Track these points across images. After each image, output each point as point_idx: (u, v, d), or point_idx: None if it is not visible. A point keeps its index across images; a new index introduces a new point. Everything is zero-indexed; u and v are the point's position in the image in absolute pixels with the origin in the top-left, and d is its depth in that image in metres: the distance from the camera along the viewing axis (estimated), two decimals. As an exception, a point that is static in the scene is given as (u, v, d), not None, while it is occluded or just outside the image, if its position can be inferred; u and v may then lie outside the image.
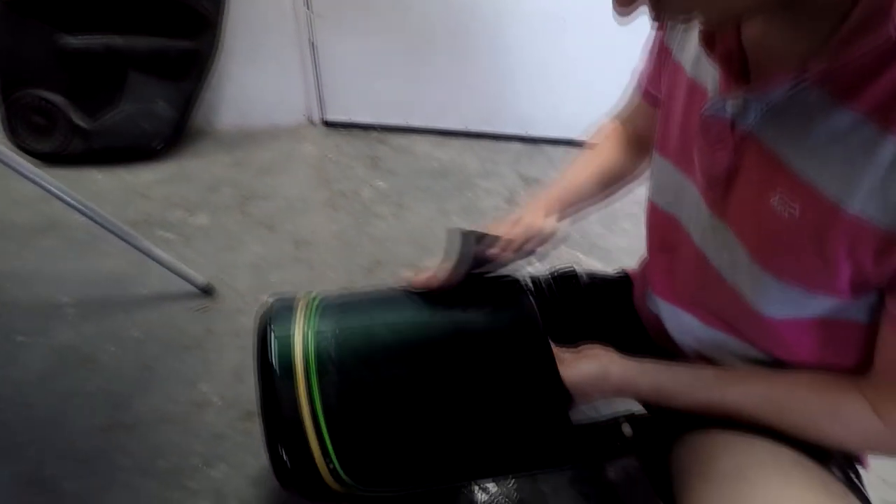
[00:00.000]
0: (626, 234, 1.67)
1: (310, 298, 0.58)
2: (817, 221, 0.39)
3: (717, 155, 0.46)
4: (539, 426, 0.54)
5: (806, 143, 0.39)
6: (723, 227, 0.48)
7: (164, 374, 1.05)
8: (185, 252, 1.39)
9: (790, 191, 0.40)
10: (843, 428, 0.46)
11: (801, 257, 0.41)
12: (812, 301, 0.44)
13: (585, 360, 0.58)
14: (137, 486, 0.85)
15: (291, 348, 0.50)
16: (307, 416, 0.47)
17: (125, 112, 1.71)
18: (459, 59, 2.07)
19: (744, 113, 0.43)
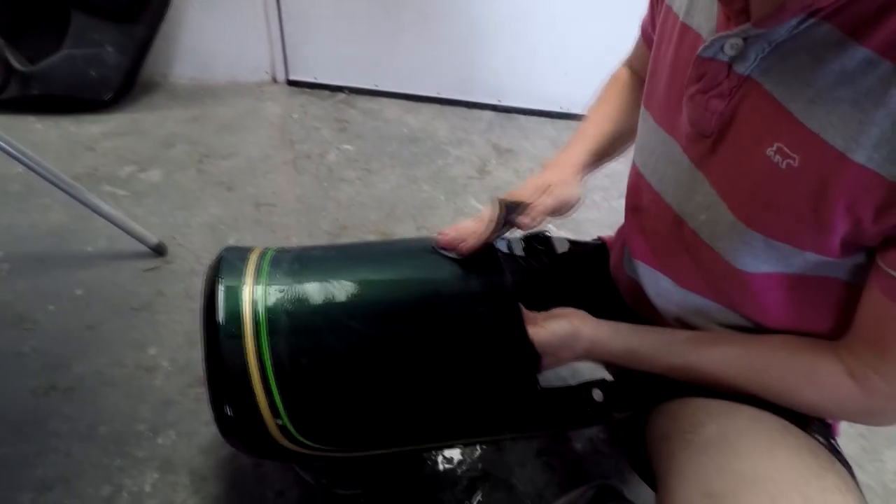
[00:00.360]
0: (597, 207, 1.67)
1: (264, 251, 0.54)
2: (819, 172, 0.37)
3: (710, 102, 0.43)
4: (504, 386, 0.52)
5: (812, 87, 0.36)
6: (705, 184, 0.46)
7: (108, 336, 0.98)
8: (136, 210, 1.30)
9: (791, 139, 0.38)
10: (818, 391, 0.45)
11: (793, 213, 0.39)
12: (798, 257, 0.42)
13: (556, 319, 0.56)
14: (75, 453, 0.79)
15: (240, 302, 0.47)
16: (255, 373, 0.44)
17: (69, 56, 1.57)
18: (433, 22, 2.00)
19: (743, 54, 0.40)
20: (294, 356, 0.45)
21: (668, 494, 0.45)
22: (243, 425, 0.44)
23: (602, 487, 0.75)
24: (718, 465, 0.43)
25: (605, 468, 0.91)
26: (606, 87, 0.74)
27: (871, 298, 0.41)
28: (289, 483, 0.80)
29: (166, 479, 0.78)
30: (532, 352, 0.53)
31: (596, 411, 0.57)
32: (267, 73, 2.08)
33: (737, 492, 0.40)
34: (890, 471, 0.99)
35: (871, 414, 0.45)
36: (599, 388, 0.59)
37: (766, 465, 0.41)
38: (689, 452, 0.46)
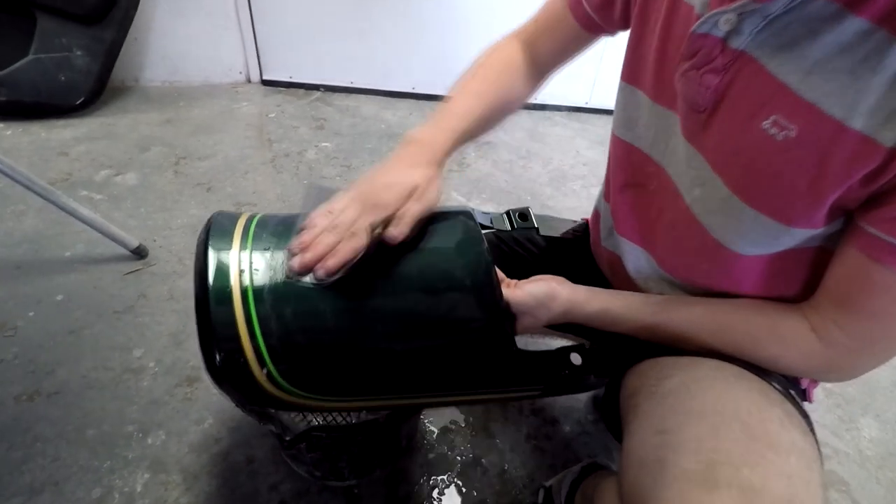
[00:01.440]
0: (576, 195, 1.69)
1: (252, 215, 0.57)
2: (818, 142, 0.38)
3: (704, 78, 0.44)
4: (480, 344, 0.54)
5: (807, 59, 0.37)
6: (699, 158, 0.47)
7: (92, 340, 0.97)
8: (114, 214, 1.29)
9: (787, 111, 0.39)
10: (781, 345, 0.48)
11: (788, 184, 0.40)
12: (785, 235, 0.43)
13: (533, 282, 0.58)
14: (63, 456, 0.79)
15: (228, 260, 0.49)
16: (242, 325, 0.46)
17: (37, 61, 1.54)
18: (406, 18, 2.00)
19: (738, 29, 0.40)
20: (277, 309, 0.48)
21: (628, 439, 0.47)
22: (232, 373, 0.47)
23: (589, 464, 0.78)
24: (673, 406, 0.45)
25: (593, 449, 0.94)
26: (485, 61, 0.66)
27: (845, 256, 0.43)
28: (282, 477, 0.81)
29: (157, 478, 0.78)
30: (505, 310, 0.55)
31: (574, 375, 0.59)
32: (241, 73, 2.06)
33: (684, 425, 0.42)
34: (865, 438, 1.03)
35: (832, 367, 0.47)
36: (578, 352, 0.61)
37: (713, 402, 0.44)
38: (652, 402, 0.48)
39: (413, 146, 0.56)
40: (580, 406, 1.01)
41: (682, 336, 0.53)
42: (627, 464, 0.44)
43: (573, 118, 2.25)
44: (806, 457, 0.40)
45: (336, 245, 0.48)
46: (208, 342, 0.47)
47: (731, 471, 0.37)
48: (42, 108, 1.59)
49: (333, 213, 0.49)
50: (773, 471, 0.38)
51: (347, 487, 0.81)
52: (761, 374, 0.48)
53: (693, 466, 0.38)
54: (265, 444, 0.85)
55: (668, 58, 0.49)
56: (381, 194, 0.50)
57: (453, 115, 0.60)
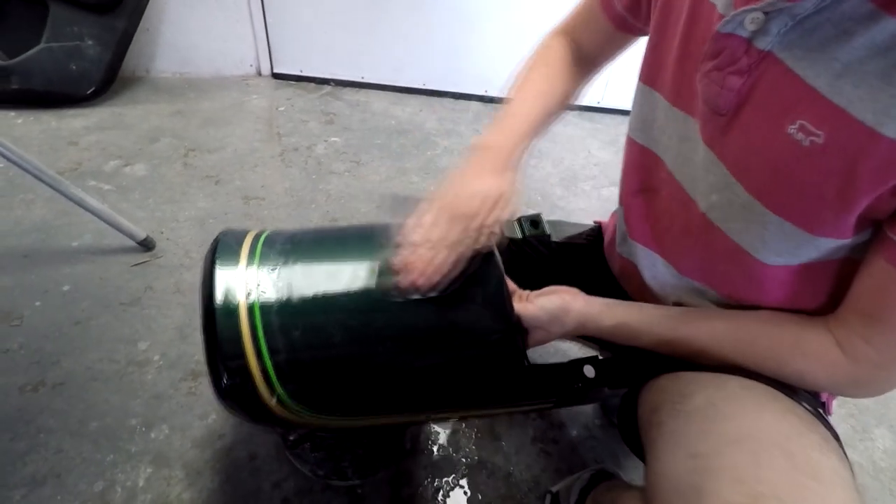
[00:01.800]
0: (586, 196, 1.67)
1: (259, 232, 0.55)
2: (847, 148, 0.36)
3: (727, 79, 0.42)
4: (490, 360, 0.53)
5: (838, 61, 0.35)
6: (717, 163, 0.45)
7: (98, 331, 0.96)
8: (122, 205, 1.28)
9: (815, 116, 0.37)
10: (806, 360, 0.46)
11: (815, 191, 0.38)
12: (809, 245, 0.42)
13: (546, 295, 0.57)
14: (66, 448, 0.78)
15: (234, 280, 0.49)
16: (249, 345, 0.46)
17: (48, 50, 1.54)
18: (419, 14, 1.99)
19: (764, 29, 0.38)
20: (285, 330, 0.47)
21: (656, 460, 0.45)
22: (238, 393, 0.47)
23: (597, 471, 0.76)
24: (704, 428, 0.43)
25: (600, 454, 0.92)
26: (539, 60, 0.67)
27: (874, 268, 0.41)
28: (285, 475, 0.80)
29: (160, 473, 0.78)
30: (517, 325, 0.54)
31: (587, 387, 0.58)
32: (251, 66, 2.05)
33: (721, 451, 0.40)
34: (879, 448, 1.01)
35: (858, 383, 0.45)
36: (591, 364, 0.59)
37: (749, 425, 0.42)
38: (678, 420, 0.46)
39: (486, 153, 0.56)
40: (587, 410, 0.99)
41: (702, 351, 0.51)
42: (658, 487, 0.43)
43: (585, 118, 2.23)
44: (849, 487, 0.38)
45: (434, 259, 0.49)
46: (215, 362, 0.46)
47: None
48: (53, 97, 1.58)
49: (424, 227, 0.50)
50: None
51: (350, 487, 0.80)
52: (790, 393, 0.46)
53: (737, 499, 0.36)
54: (268, 441, 0.84)
55: (689, 59, 0.47)
56: (468, 205, 0.51)
57: (517, 118, 0.60)
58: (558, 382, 0.58)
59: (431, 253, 0.49)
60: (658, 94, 0.53)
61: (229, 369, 0.46)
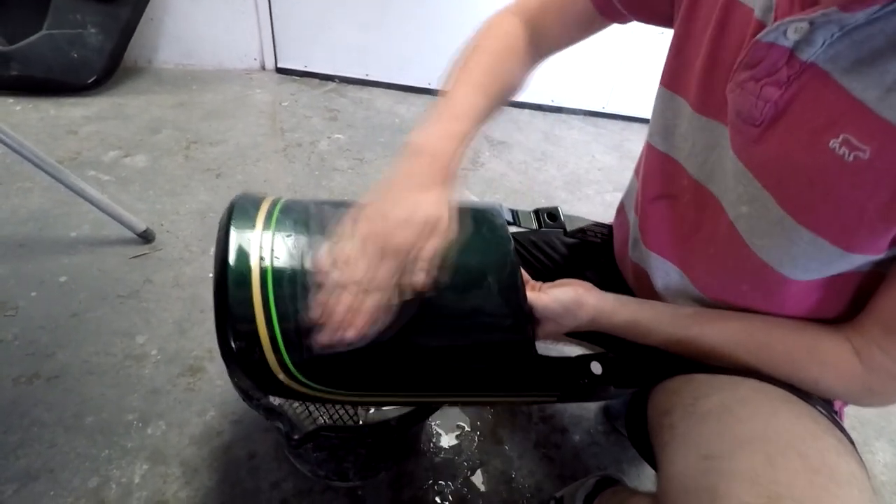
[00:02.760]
0: (590, 200, 1.67)
1: (276, 199, 0.55)
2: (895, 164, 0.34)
3: (764, 90, 0.40)
4: (500, 346, 0.52)
5: (889, 74, 0.34)
6: (748, 174, 0.44)
7: (94, 324, 0.94)
8: (122, 196, 1.26)
9: (861, 130, 0.35)
10: (821, 367, 0.45)
11: (855, 208, 0.37)
12: (842, 261, 0.41)
13: (560, 287, 0.56)
14: (60, 443, 0.76)
15: (249, 246, 0.48)
16: (260, 312, 0.45)
17: (49, 37, 1.51)
18: (425, 13, 1.98)
19: (809, 39, 0.37)
20: (296, 298, 0.46)
21: (668, 462, 0.44)
22: (245, 357, 0.46)
23: (602, 478, 0.75)
24: (718, 430, 0.42)
25: (603, 460, 0.91)
26: (484, 44, 0.58)
27: None
28: (284, 475, 0.78)
29: (156, 470, 0.76)
30: (529, 315, 0.53)
31: (593, 384, 0.57)
32: (255, 59, 2.04)
33: (735, 452, 0.39)
34: (880, 462, 1.00)
35: (872, 392, 0.45)
36: (599, 361, 0.58)
37: (764, 427, 0.41)
38: (690, 422, 0.45)
39: (421, 159, 0.47)
40: (590, 415, 0.98)
41: (714, 351, 0.50)
42: (670, 490, 0.42)
43: (589, 122, 2.22)
44: (867, 489, 0.38)
45: (362, 305, 0.42)
46: (224, 324, 0.46)
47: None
48: (53, 85, 1.56)
49: (348, 263, 0.43)
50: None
51: (351, 489, 0.78)
52: (804, 397, 0.45)
53: (753, 500, 0.35)
54: (268, 439, 0.82)
55: (719, 66, 0.45)
56: (401, 235, 0.43)
57: (457, 115, 0.51)
58: (564, 376, 0.57)
59: (357, 298, 0.42)
60: (682, 99, 0.52)
61: (237, 332, 0.45)
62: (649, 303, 0.57)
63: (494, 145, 1.87)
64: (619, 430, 0.96)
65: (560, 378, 0.57)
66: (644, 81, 1.96)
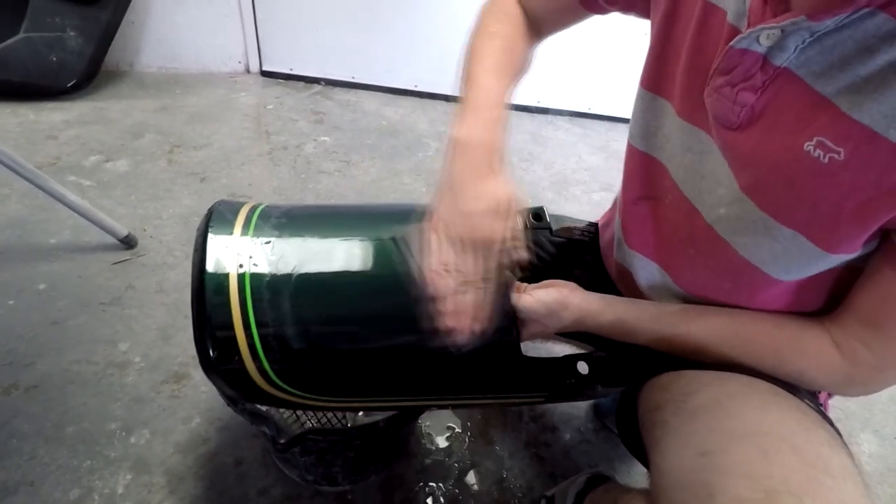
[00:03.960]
0: (577, 200, 1.67)
1: (255, 205, 0.55)
2: (871, 165, 0.35)
3: (740, 95, 0.41)
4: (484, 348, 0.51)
5: (859, 77, 0.35)
6: (729, 177, 0.44)
7: (76, 332, 0.92)
8: (103, 201, 1.24)
9: (835, 133, 0.36)
10: (805, 359, 0.46)
11: (832, 208, 0.38)
12: (822, 261, 0.41)
13: (544, 288, 0.56)
14: (40, 454, 0.74)
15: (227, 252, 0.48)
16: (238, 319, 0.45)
17: (27, 40, 1.49)
18: (411, 15, 1.98)
19: (781, 45, 0.38)
20: (275, 304, 0.46)
21: (661, 459, 0.44)
22: (225, 366, 0.46)
23: (593, 475, 0.75)
24: (710, 425, 0.42)
25: (594, 458, 0.91)
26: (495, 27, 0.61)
27: (879, 276, 0.41)
28: (272, 481, 0.77)
29: (140, 479, 0.74)
30: (512, 316, 0.53)
31: (580, 384, 0.57)
32: (240, 62, 2.02)
33: (729, 447, 0.39)
34: (865, 453, 1.02)
35: (854, 383, 0.45)
36: (586, 360, 0.58)
37: (756, 422, 0.41)
38: (681, 418, 0.45)
39: (473, 151, 0.49)
40: (580, 414, 0.98)
41: (700, 348, 0.51)
42: (664, 486, 0.41)
43: (575, 123, 2.23)
44: (860, 482, 0.38)
45: (473, 302, 0.47)
46: (202, 333, 0.45)
47: (793, 501, 0.34)
48: (31, 89, 1.53)
49: (451, 267, 0.46)
50: (833, 499, 0.35)
51: (341, 493, 0.77)
52: (792, 391, 0.45)
53: (749, 494, 0.35)
54: (255, 445, 0.81)
55: (698, 71, 0.46)
56: (482, 227, 0.46)
57: (490, 104, 0.53)
58: (551, 377, 0.57)
59: (473, 295, 0.46)
60: (667, 102, 0.52)
61: (216, 339, 0.45)
62: (634, 302, 0.57)
63: (481, 146, 1.87)
64: (610, 427, 0.96)
65: (547, 378, 0.57)
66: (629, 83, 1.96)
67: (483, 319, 0.47)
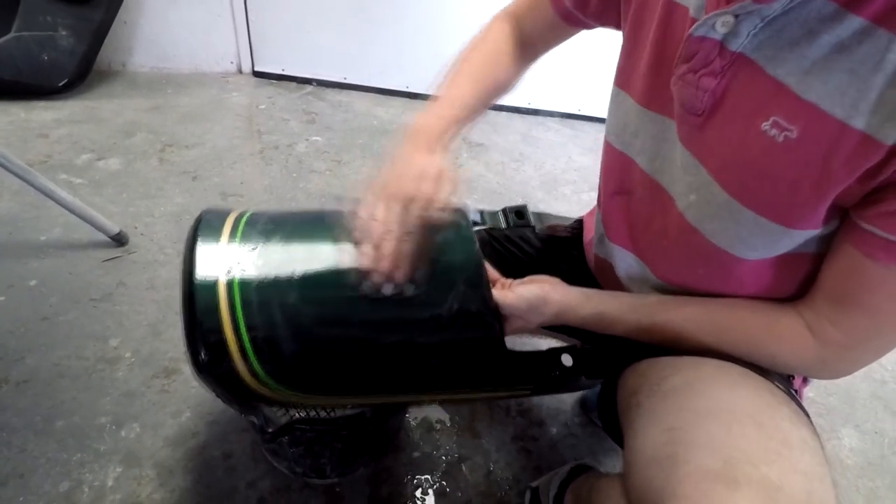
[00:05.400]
0: (566, 200, 1.69)
1: (241, 212, 0.56)
2: (821, 142, 0.37)
3: (701, 80, 0.43)
4: (468, 345, 0.53)
5: (806, 59, 0.37)
6: (695, 163, 0.46)
7: (66, 327, 0.93)
8: (94, 199, 1.24)
9: (787, 112, 0.38)
10: (779, 344, 0.48)
11: (789, 185, 0.40)
12: (785, 238, 0.43)
13: (526, 285, 0.57)
14: (30, 447, 0.75)
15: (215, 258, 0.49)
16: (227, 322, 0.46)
17: (19, 39, 1.49)
18: (402, 16, 1.99)
19: (735, 31, 0.40)
20: (263, 308, 0.47)
21: (633, 439, 0.46)
22: (216, 370, 0.47)
23: (576, 466, 0.76)
24: (679, 405, 0.44)
25: (580, 451, 0.93)
26: (476, 45, 0.66)
27: (840, 253, 0.43)
28: (260, 473, 0.78)
29: (130, 472, 0.75)
30: (495, 312, 0.54)
31: (564, 376, 0.58)
32: (232, 63, 2.03)
33: (695, 423, 0.41)
34: (846, 447, 1.04)
35: (826, 363, 0.47)
36: (569, 353, 0.60)
37: (723, 400, 0.43)
38: (654, 399, 0.47)
39: (416, 135, 0.56)
40: (567, 408, 1.00)
41: (678, 337, 0.52)
42: (635, 462, 0.43)
43: (566, 125, 2.25)
44: (818, 453, 0.40)
45: (396, 248, 0.49)
46: (193, 338, 0.46)
47: (750, 468, 0.36)
48: (22, 88, 1.53)
49: (378, 218, 0.50)
50: (790, 468, 0.37)
51: (329, 486, 0.78)
52: (762, 373, 0.47)
53: (710, 463, 0.37)
54: (244, 439, 0.82)
55: (664, 62, 0.48)
56: (416, 186, 0.51)
57: (447, 102, 0.60)
58: (536, 370, 0.58)
59: (394, 242, 0.49)
60: (629, 96, 0.55)
61: (207, 343, 0.46)
62: (613, 294, 0.58)
63: (472, 147, 1.89)
64: (596, 422, 0.97)
65: (532, 372, 0.58)
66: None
67: (403, 268, 0.50)
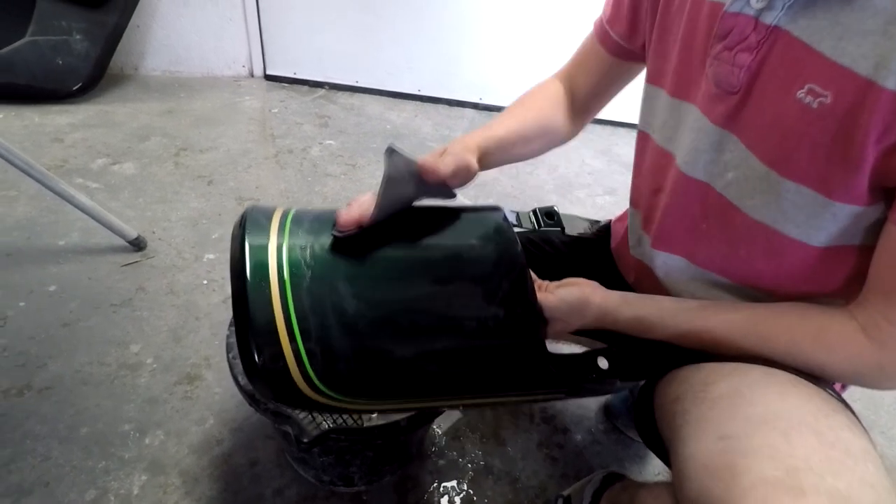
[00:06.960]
0: (581, 203, 1.68)
1: (286, 210, 0.55)
2: (852, 105, 0.38)
3: (738, 57, 0.44)
4: (512, 347, 0.53)
5: (840, 24, 0.38)
6: (733, 140, 0.47)
7: (87, 333, 0.92)
8: (111, 203, 1.24)
9: (822, 78, 0.39)
10: (828, 352, 0.46)
11: (824, 151, 0.40)
12: (827, 212, 0.43)
13: (566, 287, 0.57)
14: (55, 455, 0.74)
15: (266, 257, 0.48)
16: (281, 324, 0.45)
17: (33, 43, 1.49)
18: (414, 20, 1.99)
19: (770, 5, 0.41)
20: (316, 311, 0.46)
21: (682, 446, 0.44)
22: (269, 374, 0.45)
23: (608, 474, 0.75)
24: (730, 413, 0.42)
25: (605, 458, 0.91)
26: (527, 94, 0.69)
27: (888, 239, 0.41)
28: (287, 481, 0.77)
29: (155, 480, 0.74)
30: (538, 315, 0.54)
31: (600, 378, 0.57)
32: (244, 66, 2.02)
33: (750, 431, 0.40)
34: (873, 453, 1.02)
35: (883, 368, 0.44)
36: (605, 356, 0.59)
37: (776, 407, 0.41)
38: (702, 407, 0.45)
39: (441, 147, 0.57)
40: (591, 415, 0.98)
41: (719, 343, 0.51)
42: (688, 471, 0.42)
43: (577, 127, 2.25)
44: (880, 464, 0.38)
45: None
46: (246, 341, 0.45)
47: (815, 478, 0.35)
48: (37, 93, 1.53)
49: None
50: (855, 479, 0.36)
51: (356, 494, 0.77)
52: (812, 380, 0.46)
53: (773, 472, 0.36)
54: (269, 446, 0.81)
55: (695, 49, 0.49)
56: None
57: (487, 128, 0.62)
58: (573, 373, 0.57)
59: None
60: (662, 91, 0.55)
61: (260, 347, 0.44)
62: (653, 298, 0.57)
63: (485, 150, 1.88)
64: (620, 428, 0.96)
65: (569, 375, 0.57)
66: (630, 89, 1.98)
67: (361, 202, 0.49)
